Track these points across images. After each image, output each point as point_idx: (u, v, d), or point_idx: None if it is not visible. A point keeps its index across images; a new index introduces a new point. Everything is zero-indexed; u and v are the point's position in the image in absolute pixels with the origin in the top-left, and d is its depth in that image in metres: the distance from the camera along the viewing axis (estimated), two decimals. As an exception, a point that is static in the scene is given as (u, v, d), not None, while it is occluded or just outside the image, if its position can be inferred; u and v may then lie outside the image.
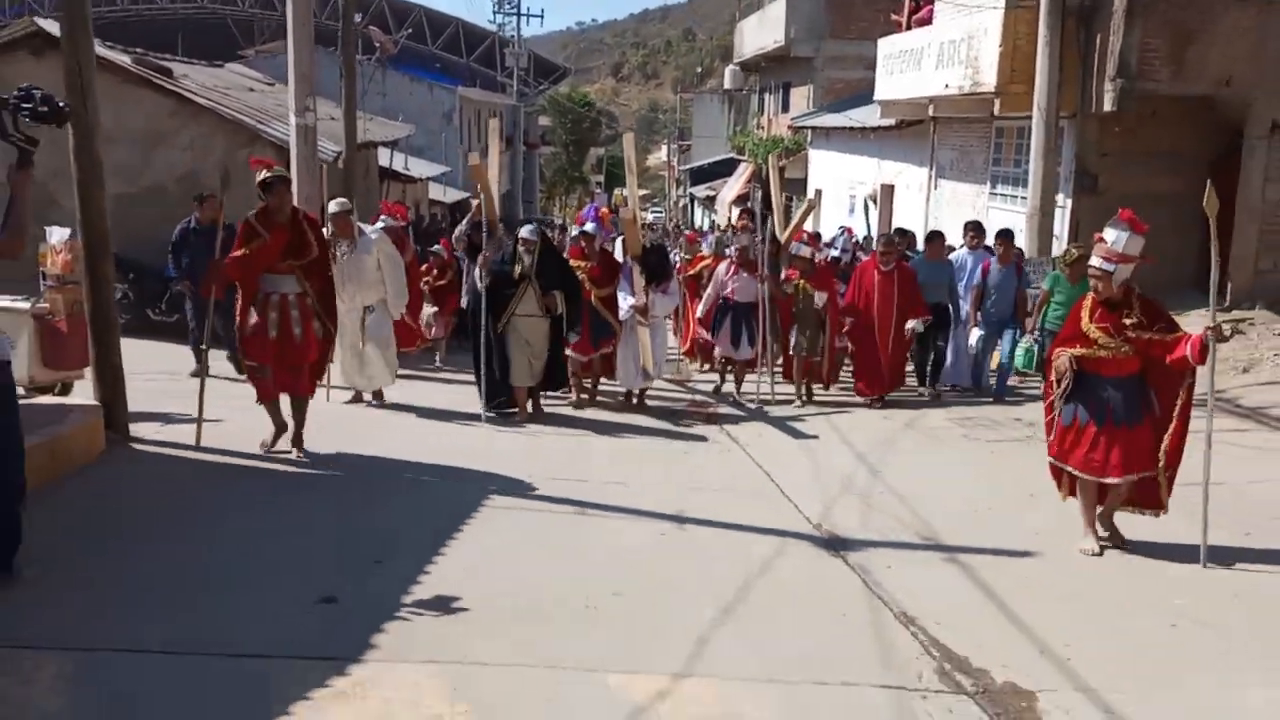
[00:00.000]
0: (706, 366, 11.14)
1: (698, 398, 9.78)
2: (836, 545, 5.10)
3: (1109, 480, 4.91)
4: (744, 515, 5.48)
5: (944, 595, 4.38)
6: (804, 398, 9.42)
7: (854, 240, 12.50)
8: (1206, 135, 12.47)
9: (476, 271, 8.02)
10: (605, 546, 4.82)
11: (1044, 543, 5.14)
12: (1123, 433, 4.87)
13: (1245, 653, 3.85)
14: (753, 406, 9.09)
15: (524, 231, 8.05)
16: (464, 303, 9.69)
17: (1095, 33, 11.79)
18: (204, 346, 6.55)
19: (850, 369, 9.89)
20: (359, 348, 7.81)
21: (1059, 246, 11.70)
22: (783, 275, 9.39)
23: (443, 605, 3.84)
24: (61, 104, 4.08)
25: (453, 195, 27.04)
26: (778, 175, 10.84)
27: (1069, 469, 5.05)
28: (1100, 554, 4.94)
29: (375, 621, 3.62)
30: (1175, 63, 11.47)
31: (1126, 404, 4.90)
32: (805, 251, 9.46)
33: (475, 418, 7.79)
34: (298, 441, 6.13)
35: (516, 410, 8.01)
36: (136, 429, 6.21)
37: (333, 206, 7.93)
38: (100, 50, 12.78)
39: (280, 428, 6.16)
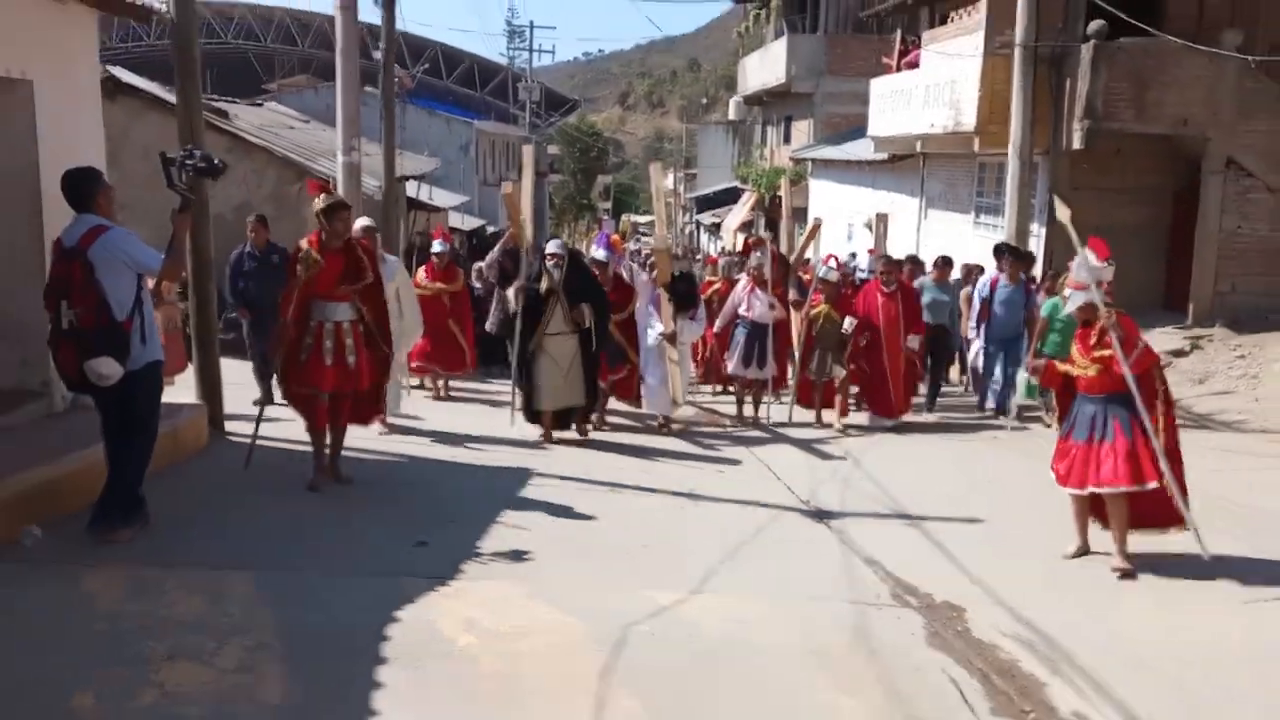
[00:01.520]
0: (719, 388, 11.20)
1: (720, 421, 9.71)
2: (821, 515, 6.20)
3: (1077, 491, 5.19)
4: (746, 494, 6.57)
5: (903, 548, 5.46)
6: (821, 423, 9.29)
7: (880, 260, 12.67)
8: (1169, 170, 13.67)
9: (511, 294, 7.97)
10: (634, 512, 5.93)
11: (995, 516, 6.16)
12: (1102, 447, 5.07)
13: (1130, 586, 4.94)
14: (768, 429, 9.12)
15: (551, 247, 7.98)
16: (489, 327, 9.56)
17: (1065, 78, 12.99)
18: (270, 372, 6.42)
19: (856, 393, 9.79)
20: None
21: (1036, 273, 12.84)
22: (805, 298, 9.36)
23: (509, 548, 4.94)
24: (217, 161, 5.25)
25: (470, 223, 28.30)
26: (788, 197, 11.09)
27: (1057, 480, 5.31)
28: (1075, 556, 5.26)
29: (459, 558, 4.73)
30: (1137, 105, 12.65)
31: (1105, 420, 5.10)
32: (833, 276, 9.31)
33: (497, 440, 7.80)
34: (334, 470, 6.02)
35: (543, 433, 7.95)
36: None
37: (360, 223, 7.71)
38: (164, 94, 14.10)
39: (321, 470, 5.98)
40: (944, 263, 10.64)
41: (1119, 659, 3.87)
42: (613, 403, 9.03)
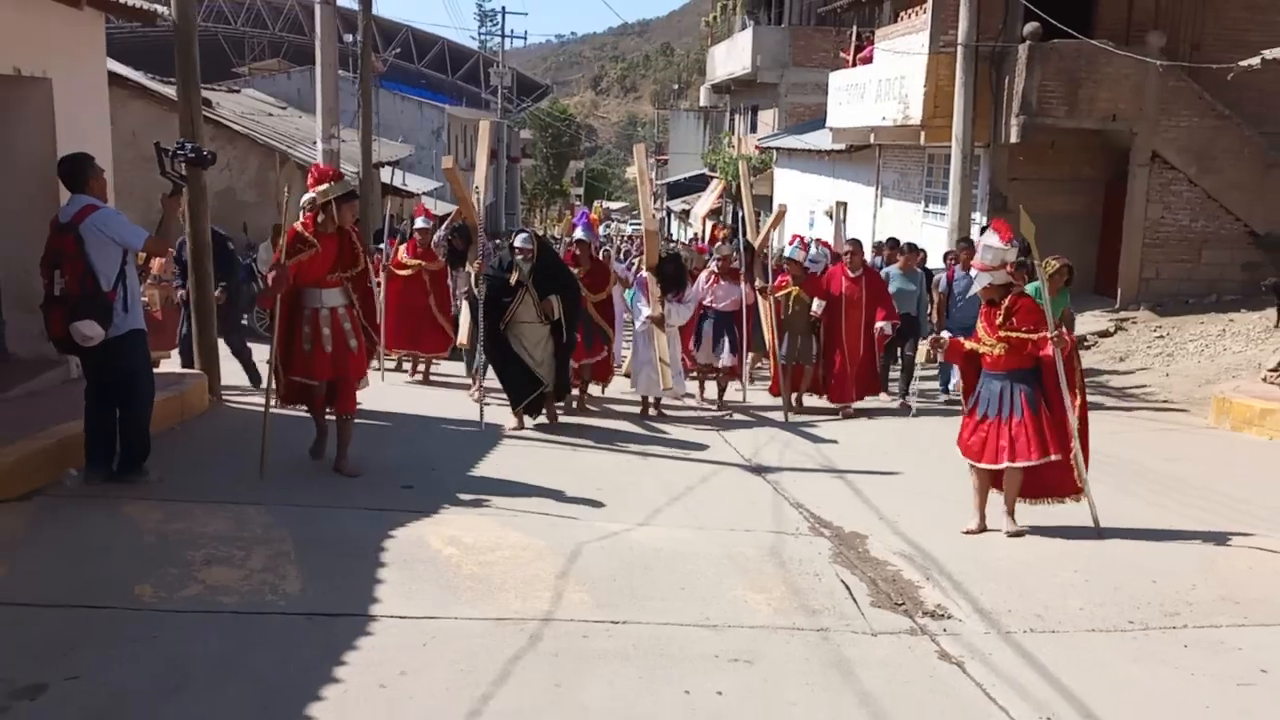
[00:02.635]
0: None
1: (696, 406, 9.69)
2: (760, 470, 7.04)
3: (985, 466, 5.41)
4: (694, 454, 7.41)
5: (826, 495, 6.30)
6: (794, 408, 9.19)
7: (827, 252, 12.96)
8: (1100, 162, 14.65)
9: (472, 279, 7.80)
10: (593, 467, 6.73)
11: (914, 470, 7.01)
12: (1006, 424, 5.31)
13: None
14: (734, 415, 9.23)
15: (519, 240, 7.82)
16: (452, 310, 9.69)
17: (1004, 76, 13.89)
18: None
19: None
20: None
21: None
22: (774, 281, 9.42)
23: (484, 490, 5.74)
24: (206, 153, 5.96)
25: (443, 208, 28.91)
26: (747, 185, 11.02)
27: (962, 453, 5.58)
28: (977, 532, 5.44)
29: (440, 498, 5.51)
30: (1069, 102, 13.59)
31: (999, 397, 5.36)
32: (799, 256, 9.30)
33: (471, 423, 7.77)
34: (342, 462, 5.93)
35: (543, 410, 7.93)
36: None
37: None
38: (149, 82, 14.69)
39: (323, 431, 6.11)
40: (910, 249, 10.44)
41: (979, 569, 4.75)
42: (588, 389, 9.00)
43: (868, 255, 10.89)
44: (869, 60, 17.68)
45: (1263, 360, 10.24)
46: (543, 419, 7.97)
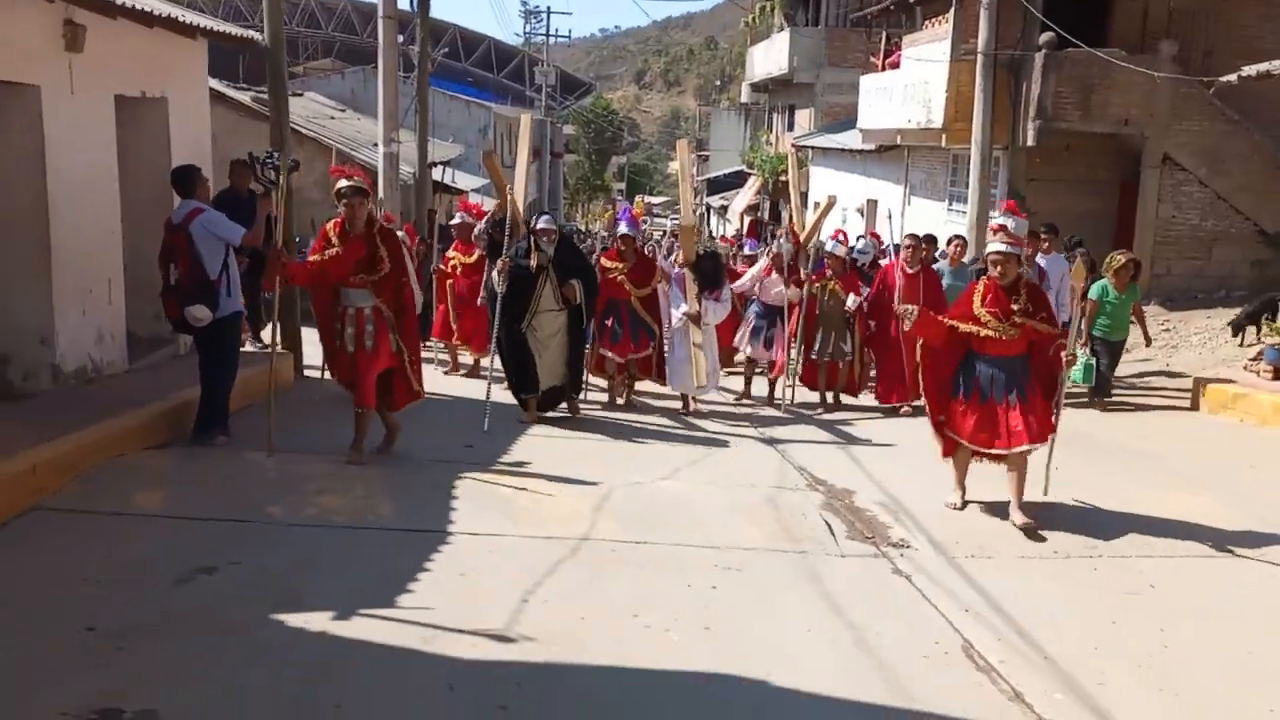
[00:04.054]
0: (725, 371, 10.63)
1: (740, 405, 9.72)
2: (772, 441, 8.02)
3: (993, 452, 5.46)
4: (712, 429, 8.39)
5: (828, 462, 7.23)
6: (828, 404, 9.24)
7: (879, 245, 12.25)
8: (1114, 164, 15.39)
9: (494, 274, 7.69)
10: (625, 439, 7.71)
11: (914, 444, 7.87)
12: (1003, 409, 5.37)
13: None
14: (780, 411, 9.21)
15: (542, 222, 7.72)
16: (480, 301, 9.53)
17: (1021, 82, 14.69)
18: (262, 341, 7.32)
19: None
20: None
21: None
22: (810, 274, 9.18)
23: (532, 453, 6.79)
24: (292, 160, 7.05)
25: (490, 204, 30.11)
26: (795, 179, 10.96)
27: (958, 438, 5.61)
28: (961, 508, 5.71)
29: (498, 455, 6.60)
30: (1082, 107, 14.38)
31: (1007, 382, 5.39)
32: (840, 250, 9.17)
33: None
34: (385, 450, 6.29)
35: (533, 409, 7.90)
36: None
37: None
38: (225, 89, 15.95)
39: (358, 448, 6.10)
40: (928, 241, 10.18)
41: (936, 511, 5.72)
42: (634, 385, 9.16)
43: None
44: (897, 65, 18.51)
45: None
46: (564, 412, 8.07)
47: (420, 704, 3.21)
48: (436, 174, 22.42)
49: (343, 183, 5.99)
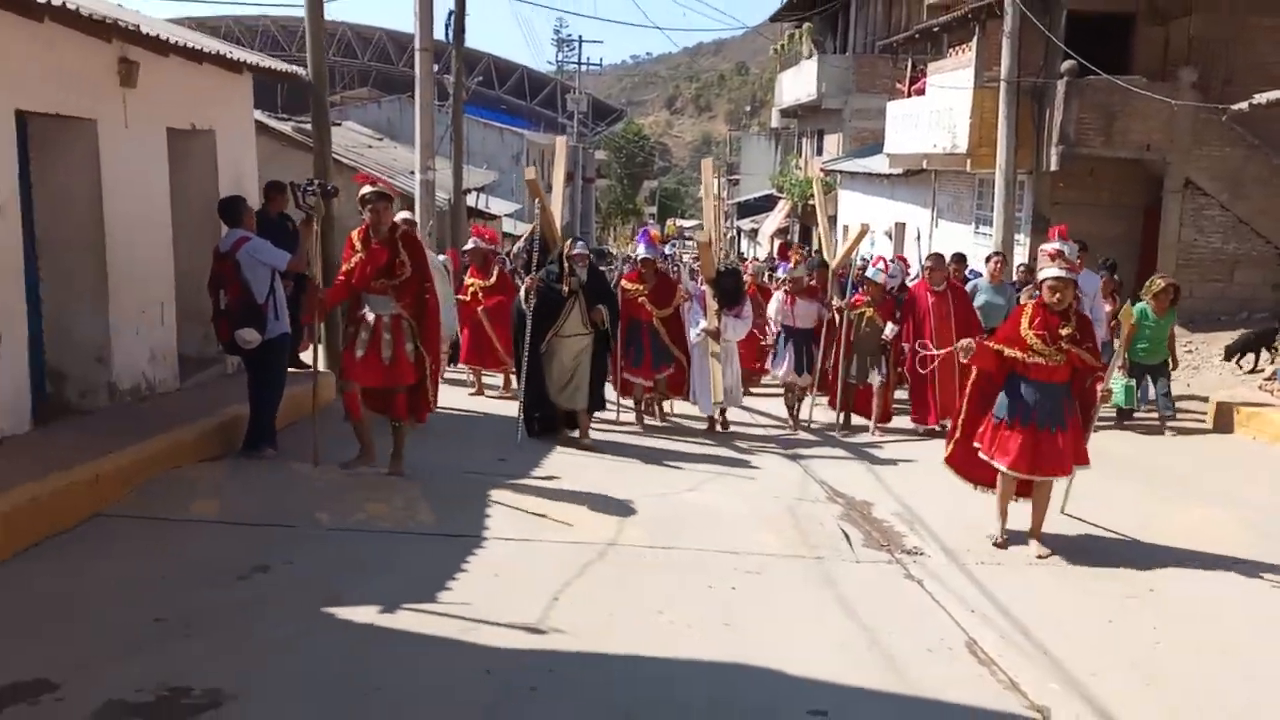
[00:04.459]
0: (748, 391, 10.84)
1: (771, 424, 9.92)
2: (796, 458, 8.27)
3: (1034, 478, 5.38)
4: (738, 447, 8.65)
5: (851, 476, 7.49)
6: (847, 427, 9.27)
7: (906, 269, 12.18)
8: (1137, 188, 15.53)
9: (522, 293, 7.85)
10: (651, 454, 7.99)
11: (931, 460, 8.07)
12: (1045, 435, 5.25)
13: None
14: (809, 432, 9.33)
15: (577, 247, 7.87)
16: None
17: (1044, 109, 14.92)
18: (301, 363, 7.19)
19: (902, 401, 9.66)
20: None
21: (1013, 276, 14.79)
22: (850, 299, 9.22)
23: (556, 470, 7.07)
24: (330, 187, 7.38)
25: (522, 229, 30.67)
26: (822, 203, 10.97)
27: (1000, 465, 5.40)
28: (1004, 545, 5.49)
29: (529, 468, 6.91)
30: (1105, 133, 14.57)
31: (1052, 409, 5.26)
32: (880, 277, 9.19)
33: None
34: (395, 465, 6.21)
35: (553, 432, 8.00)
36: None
37: (402, 215, 8.02)
38: (266, 119, 16.52)
39: (365, 448, 6.23)
40: (999, 259, 10.18)
41: (951, 522, 5.94)
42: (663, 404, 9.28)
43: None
44: (922, 92, 18.78)
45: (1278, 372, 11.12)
46: (574, 433, 8.01)
47: (458, 685, 3.50)
48: (470, 199, 22.96)
49: (367, 189, 6.08)
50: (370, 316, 6.02)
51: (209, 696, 3.26)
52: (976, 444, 5.54)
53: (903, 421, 9.46)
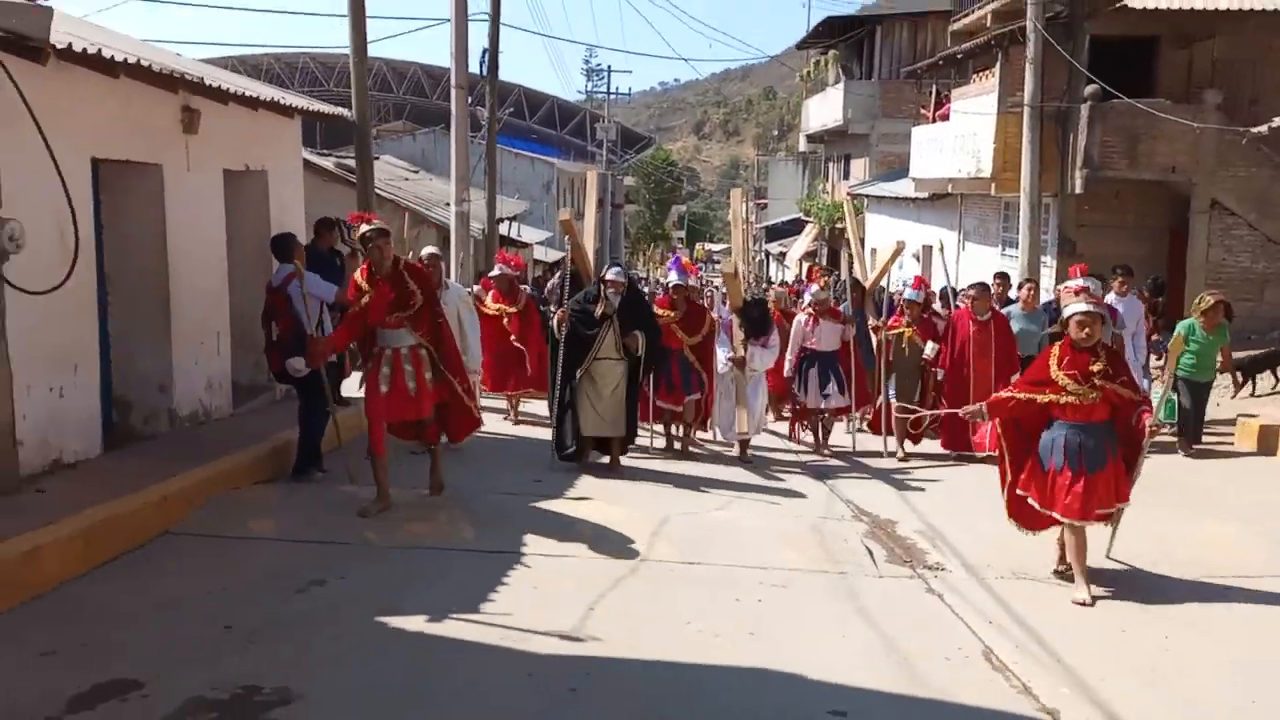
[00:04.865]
0: (773, 418, 10.73)
1: (799, 451, 9.83)
2: (823, 476, 8.50)
3: (1088, 524, 5.14)
4: (766, 470, 8.89)
5: (876, 496, 7.68)
6: (893, 452, 9.19)
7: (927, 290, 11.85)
8: (1163, 210, 15.68)
9: (554, 321, 7.97)
10: (680, 475, 8.26)
11: (962, 482, 8.28)
12: (1094, 478, 5.06)
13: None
14: (841, 459, 9.24)
15: (611, 274, 7.94)
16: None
17: (1068, 133, 15.13)
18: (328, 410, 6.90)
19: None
20: None
21: (1045, 297, 14.94)
22: (886, 319, 9.29)
23: (588, 491, 7.32)
24: (377, 223, 7.74)
25: (553, 255, 31.18)
26: (853, 224, 11.06)
27: (1056, 515, 5.17)
28: (1093, 604, 5.02)
29: (564, 489, 7.20)
30: (1129, 156, 14.76)
31: (1096, 449, 5.07)
32: (919, 298, 9.24)
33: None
34: (434, 486, 6.45)
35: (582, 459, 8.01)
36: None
37: (427, 250, 8.42)
38: (309, 156, 17.08)
39: (381, 493, 6.09)
40: (1032, 286, 10.19)
41: (974, 539, 6.16)
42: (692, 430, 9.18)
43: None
44: (947, 117, 19.05)
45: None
46: (604, 459, 8.07)
47: (503, 688, 3.79)
48: (503, 228, 23.46)
49: (364, 227, 6.06)
50: (389, 351, 6.03)
51: (279, 694, 3.58)
52: (1021, 491, 5.33)
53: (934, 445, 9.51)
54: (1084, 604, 5.01)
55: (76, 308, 6.11)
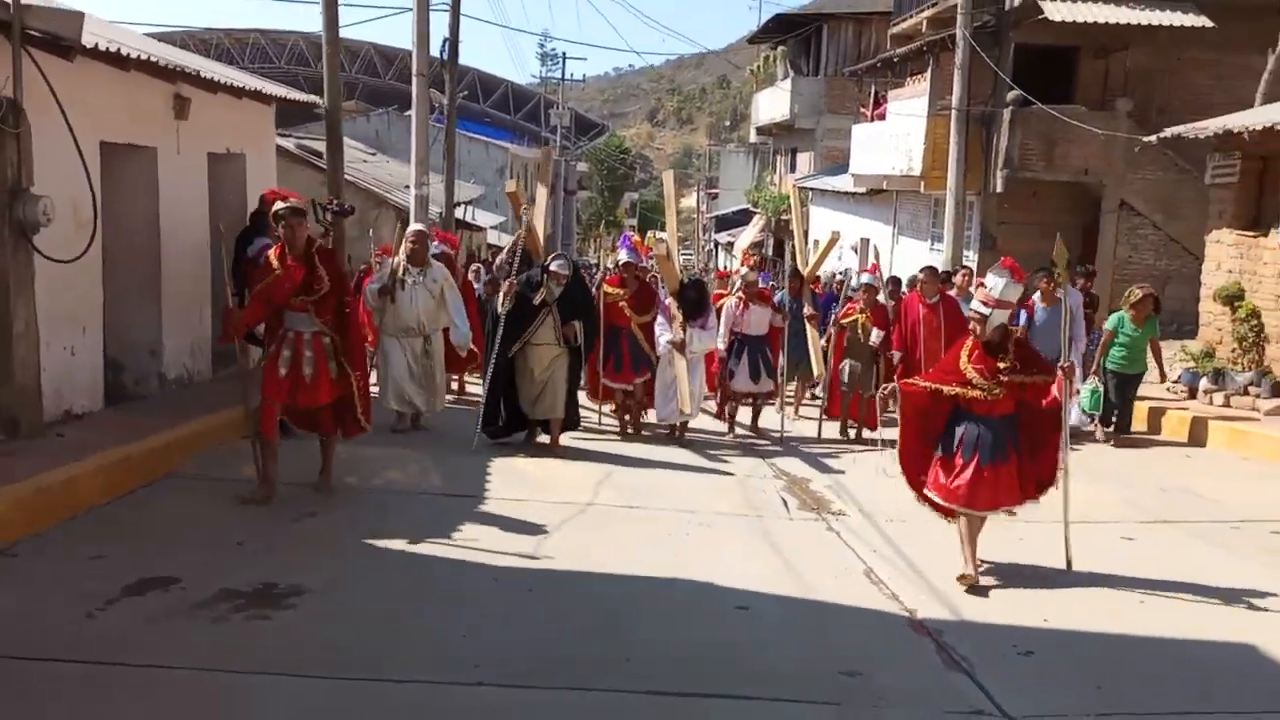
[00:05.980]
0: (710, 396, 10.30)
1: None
2: (766, 455, 9.36)
3: (980, 513, 5.18)
4: (700, 445, 9.80)
5: (797, 463, 8.62)
6: (849, 436, 9.39)
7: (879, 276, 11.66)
8: (1077, 209, 16.90)
9: (499, 297, 7.89)
10: (628, 451, 9.15)
11: (868, 456, 9.24)
12: (989, 470, 5.09)
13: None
14: (774, 440, 9.33)
15: (555, 265, 7.90)
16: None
17: (991, 135, 16.27)
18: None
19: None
20: (415, 371, 8.18)
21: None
22: (842, 308, 9.47)
23: (542, 453, 8.22)
24: (347, 206, 8.51)
25: (506, 240, 31.83)
26: (798, 215, 11.26)
27: (945, 503, 5.26)
28: (977, 582, 5.09)
29: (518, 450, 8.07)
30: (1047, 158, 15.93)
31: (995, 442, 5.09)
32: (877, 283, 9.42)
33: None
34: (324, 479, 6.18)
35: (516, 438, 8.04)
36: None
37: (413, 228, 8.50)
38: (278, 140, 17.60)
39: (264, 479, 5.90)
40: (1048, 276, 9.73)
41: (875, 495, 7.14)
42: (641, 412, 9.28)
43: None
44: (884, 116, 20.13)
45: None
46: (544, 439, 8.09)
47: (473, 588, 4.68)
48: (459, 212, 24.13)
49: (279, 205, 5.81)
50: (291, 335, 5.87)
51: (293, 589, 4.44)
52: (930, 491, 5.35)
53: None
54: (969, 581, 5.05)
55: (85, 275, 6.82)
